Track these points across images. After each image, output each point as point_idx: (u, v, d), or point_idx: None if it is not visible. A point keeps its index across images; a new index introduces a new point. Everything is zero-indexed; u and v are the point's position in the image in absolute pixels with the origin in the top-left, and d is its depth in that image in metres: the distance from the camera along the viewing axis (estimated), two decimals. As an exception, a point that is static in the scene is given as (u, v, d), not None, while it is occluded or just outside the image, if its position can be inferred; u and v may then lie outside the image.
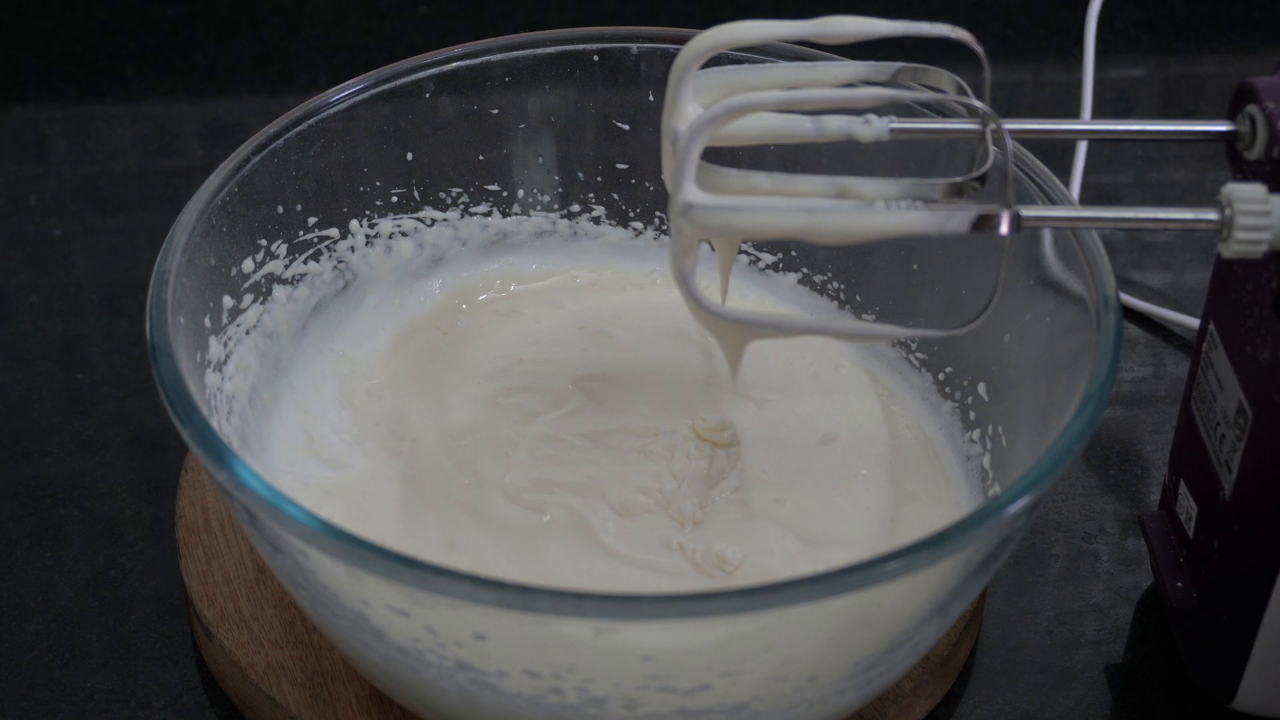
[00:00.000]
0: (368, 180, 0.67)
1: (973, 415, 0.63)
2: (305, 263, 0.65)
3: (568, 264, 0.71)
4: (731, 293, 0.64)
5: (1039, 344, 0.59)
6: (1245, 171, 0.52)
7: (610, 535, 0.60)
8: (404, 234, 0.68)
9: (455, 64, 0.66)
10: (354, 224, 0.67)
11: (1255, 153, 0.52)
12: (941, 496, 0.62)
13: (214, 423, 0.55)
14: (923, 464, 0.63)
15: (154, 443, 0.70)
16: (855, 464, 0.63)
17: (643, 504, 0.61)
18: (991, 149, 0.52)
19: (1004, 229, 0.50)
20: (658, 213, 0.71)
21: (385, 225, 0.68)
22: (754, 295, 0.71)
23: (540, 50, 0.67)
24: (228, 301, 0.61)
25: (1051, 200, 0.59)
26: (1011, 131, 0.52)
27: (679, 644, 0.51)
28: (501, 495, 0.61)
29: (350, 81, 0.65)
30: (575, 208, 0.71)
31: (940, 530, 0.49)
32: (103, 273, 0.79)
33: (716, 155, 0.54)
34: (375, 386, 0.66)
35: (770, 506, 0.61)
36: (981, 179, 0.51)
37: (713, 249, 0.70)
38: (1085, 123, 0.77)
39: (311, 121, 0.64)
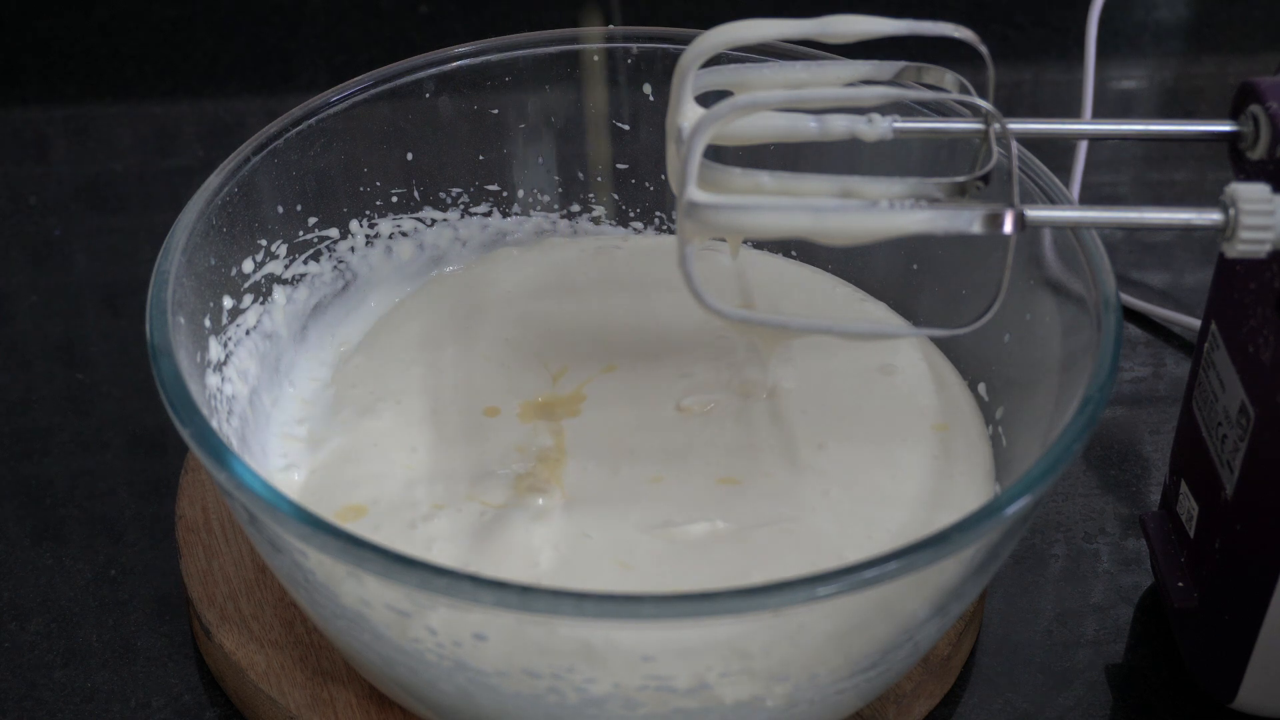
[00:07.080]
0: (368, 180, 0.67)
1: (973, 415, 0.64)
2: (305, 263, 0.65)
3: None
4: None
5: (1039, 344, 0.59)
6: (1248, 171, 0.52)
7: (649, 503, 0.58)
8: (404, 234, 0.68)
9: (455, 64, 0.66)
10: (354, 224, 0.67)
11: (1258, 153, 0.52)
12: (981, 464, 0.61)
13: (214, 423, 0.54)
14: (968, 422, 0.63)
15: (154, 443, 0.70)
16: (900, 419, 0.62)
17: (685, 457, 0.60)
18: (995, 148, 0.52)
19: (1009, 228, 0.50)
20: (658, 212, 0.71)
21: (385, 225, 0.68)
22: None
23: (540, 50, 0.67)
24: (227, 302, 0.61)
25: (1051, 200, 0.59)
26: (1012, 131, 0.52)
27: (679, 644, 0.51)
28: (515, 470, 0.60)
29: (350, 81, 0.65)
30: (575, 208, 0.71)
31: (940, 530, 0.49)
32: (103, 273, 0.79)
33: (719, 154, 0.54)
34: (375, 377, 0.65)
35: (813, 455, 0.60)
36: (986, 178, 0.51)
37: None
38: (1085, 123, 0.77)
39: (311, 121, 0.64)
